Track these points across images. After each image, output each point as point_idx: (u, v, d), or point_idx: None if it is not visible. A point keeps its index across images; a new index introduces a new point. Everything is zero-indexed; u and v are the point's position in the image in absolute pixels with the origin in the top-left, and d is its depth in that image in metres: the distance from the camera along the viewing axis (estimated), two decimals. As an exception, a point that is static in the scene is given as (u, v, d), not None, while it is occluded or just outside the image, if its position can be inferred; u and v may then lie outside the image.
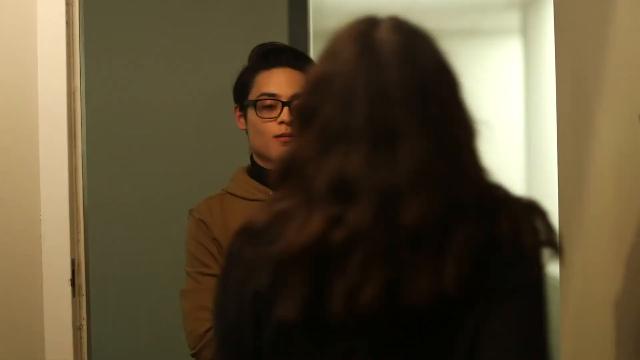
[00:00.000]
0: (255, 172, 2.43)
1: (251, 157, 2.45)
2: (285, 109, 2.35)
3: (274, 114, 2.36)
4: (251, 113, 2.39)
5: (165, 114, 3.96)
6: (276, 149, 2.35)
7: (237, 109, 2.46)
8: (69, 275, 2.19)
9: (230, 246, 1.45)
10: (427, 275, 1.31)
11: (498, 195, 1.38)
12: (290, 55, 2.45)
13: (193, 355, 2.30)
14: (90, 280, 2.30)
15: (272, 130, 2.36)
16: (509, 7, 6.42)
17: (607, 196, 1.92)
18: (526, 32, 6.36)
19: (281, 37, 3.98)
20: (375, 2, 7.04)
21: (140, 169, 3.97)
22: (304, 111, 1.39)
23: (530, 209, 1.37)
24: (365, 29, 1.42)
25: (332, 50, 1.41)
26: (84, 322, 2.22)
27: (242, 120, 2.44)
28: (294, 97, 2.35)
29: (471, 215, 1.33)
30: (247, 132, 2.43)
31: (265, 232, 1.38)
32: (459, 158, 1.35)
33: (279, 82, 2.39)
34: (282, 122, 2.35)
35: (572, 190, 2.14)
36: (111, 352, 3.38)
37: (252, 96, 2.39)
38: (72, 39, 2.23)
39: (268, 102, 2.37)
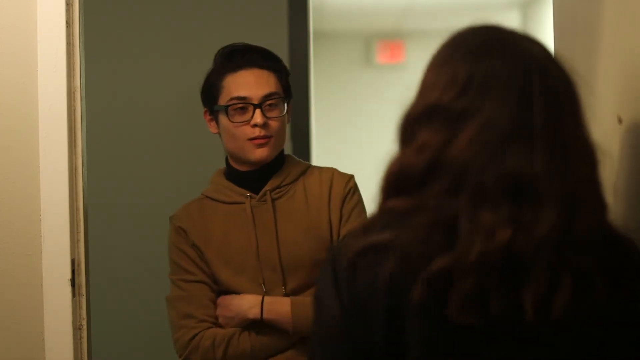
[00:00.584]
0: (231, 174, 2.41)
1: (226, 160, 2.43)
2: (258, 111, 2.32)
3: (246, 117, 2.32)
4: (222, 118, 2.36)
5: (165, 114, 3.96)
6: (252, 152, 2.33)
7: (207, 114, 2.42)
8: (69, 275, 2.19)
9: (354, 269, 1.36)
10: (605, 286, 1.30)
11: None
12: (256, 54, 2.40)
13: None
14: (90, 280, 2.30)
15: (246, 134, 2.32)
16: (509, 7, 6.42)
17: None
18: (526, 32, 6.36)
19: (281, 37, 3.98)
20: (376, 2, 7.04)
21: (140, 168, 3.97)
22: (455, 107, 1.32)
23: None
24: (503, 34, 1.37)
25: (481, 45, 1.35)
26: (84, 322, 2.22)
27: (213, 124, 2.41)
28: (265, 98, 2.33)
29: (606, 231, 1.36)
30: (219, 136, 2.40)
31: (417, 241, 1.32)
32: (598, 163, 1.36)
33: (248, 84, 2.34)
34: (255, 125, 2.32)
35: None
36: (111, 352, 3.39)
37: (222, 101, 2.36)
38: (72, 39, 2.23)
39: (239, 105, 2.33)
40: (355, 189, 2.41)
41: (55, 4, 2.20)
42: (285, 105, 2.38)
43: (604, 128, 1.78)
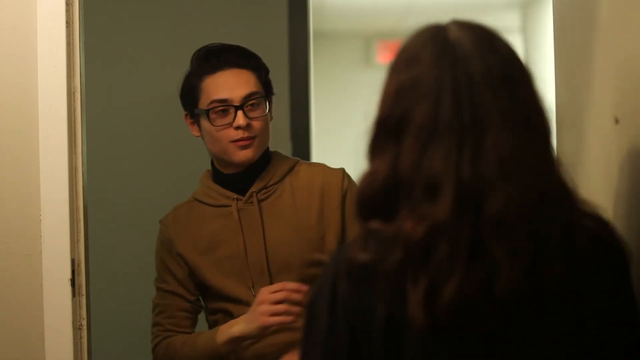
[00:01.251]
0: (217, 177, 2.38)
1: (212, 162, 2.41)
2: (240, 112, 2.28)
3: (228, 119, 2.29)
4: (204, 121, 2.32)
5: (165, 114, 3.95)
6: (235, 154, 2.29)
7: (188, 117, 2.39)
8: (69, 275, 2.19)
9: (355, 284, 1.38)
10: (518, 268, 1.30)
11: (574, 193, 1.39)
12: (233, 54, 2.36)
13: None
14: (90, 280, 2.30)
15: (228, 136, 2.29)
16: (509, 7, 6.42)
17: (598, 200, 1.92)
18: (526, 31, 6.36)
19: (281, 37, 3.98)
20: (376, 2, 7.04)
21: (140, 168, 3.97)
22: (391, 122, 1.36)
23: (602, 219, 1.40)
24: (435, 32, 1.39)
25: (407, 57, 1.38)
26: (84, 322, 2.22)
27: (195, 127, 2.37)
28: (245, 98, 2.29)
29: (553, 207, 1.34)
30: (202, 138, 2.37)
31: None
32: (541, 148, 1.35)
33: (227, 85, 2.30)
34: (238, 127, 2.28)
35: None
36: (111, 352, 3.38)
37: (202, 104, 2.32)
38: (72, 39, 2.23)
39: (220, 108, 2.29)
40: (351, 181, 2.37)
41: (55, 4, 2.20)
42: (267, 103, 2.34)
43: (601, 128, 1.78)
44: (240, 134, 2.28)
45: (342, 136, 7.00)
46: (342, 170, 2.39)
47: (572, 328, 1.35)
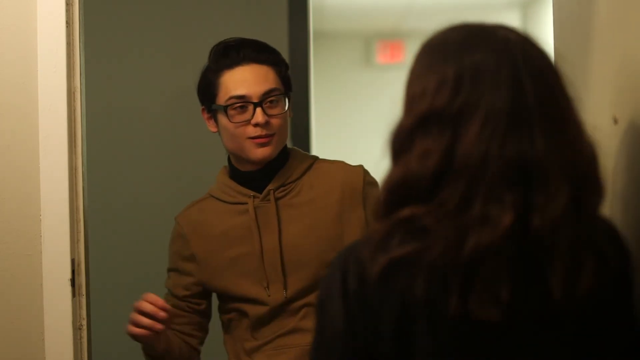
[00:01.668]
0: (234, 174, 2.33)
1: (229, 159, 2.36)
2: (258, 110, 2.23)
3: (246, 116, 2.24)
4: (222, 117, 2.27)
5: (165, 114, 3.96)
6: (253, 151, 2.25)
7: (205, 112, 2.34)
8: (69, 275, 2.19)
9: (373, 283, 1.35)
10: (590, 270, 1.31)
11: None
12: (252, 49, 2.29)
13: None
14: (90, 280, 2.30)
15: (246, 133, 2.24)
16: (509, 7, 6.43)
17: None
18: (526, 31, 6.36)
19: (281, 37, 3.98)
20: (376, 2, 7.04)
21: (140, 168, 3.97)
22: (452, 108, 1.32)
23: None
24: (480, 27, 1.37)
25: (461, 43, 1.35)
26: (84, 322, 2.23)
27: (211, 122, 2.32)
28: (265, 95, 2.24)
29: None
30: (219, 134, 2.32)
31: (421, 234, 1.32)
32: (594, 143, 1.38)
33: (246, 81, 2.25)
34: (256, 125, 2.23)
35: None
36: (111, 352, 3.38)
37: (220, 100, 2.27)
38: (72, 39, 2.23)
39: (238, 105, 2.24)
40: (371, 178, 2.32)
41: (55, 4, 2.20)
42: (287, 100, 2.29)
43: (600, 128, 1.79)
44: (258, 131, 2.24)
45: (342, 136, 7.01)
46: (362, 167, 2.34)
47: (576, 328, 1.36)
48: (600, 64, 1.83)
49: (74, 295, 2.20)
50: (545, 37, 1.93)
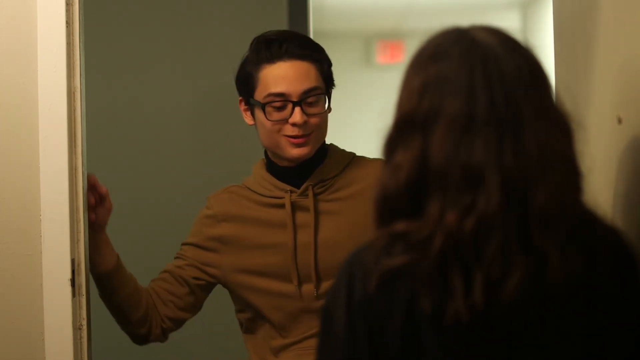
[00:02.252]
0: (271, 167, 2.28)
1: (265, 152, 2.31)
2: (297, 109, 2.17)
3: (285, 114, 2.18)
4: (259, 113, 2.21)
5: (165, 114, 3.96)
6: (289, 150, 2.20)
7: (242, 103, 2.28)
8: (69, 275, 2.19)
9: (375, 290, 1.37)
10: (566, 263, 1.31)
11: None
12: (296, 44, 2.21)
13: None
14: (91, 280, 2.29)
15: (283, 131, 2.19)
16: (509, 7, 6.42)
17: (600, 200, 1.92)
18: (526, 31, 6.36)
19: (281, 37, 3.98)
20: (376, 2, 7.04)
21: (141, 169, 3.97)
22: (418, 116, 1.35)
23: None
24: (460, 33, 1.40)
25: (432, 53, 1.38)
26: (84, 322, 2.22)
27: (248, 114, 2.27)
28: (305, 94, 2.18)
29: (585, 205, 1.37)
30: (255, 127, 2.27)
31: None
32: (571, 145, 1.37)
33: (287, 78, 2.18)
34: (294, 124, 2.17)
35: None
36: (111, 352, 3.38)
37: (259, 96, 2.20)
38: (72, 39, 2.23)
39: (277, 103, 2.18)
40: None
41: (55, 4, 2.20)
42: (327, 99, 2.23)
43: (603, 128, 1.78)
44: (295, 130, 2.18)
45: (342, 136, 7.00)
46: None
47: (585, 325, 1.35)
48: (602, 63, 1.83)
49: (74, 295, 2.20)
50: (545, 37, 1.92)
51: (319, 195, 2.25)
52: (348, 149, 2.37)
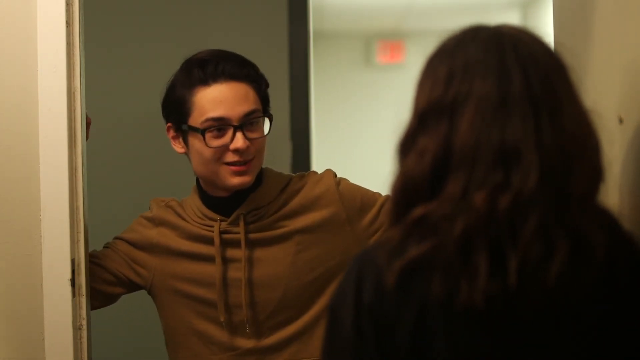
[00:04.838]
0: (203, 196, 2.14)
1: (197, 181, 2.17)
2: (239, 134, 2.01)
3: (225, 140, 2.02)
4: (194, 140, 2.06)
5: (165, 114, 3.95)
6: (229, 179, 2.04)
7: (171, 130, 2.14)
8: (69, 275, 2.19)
9: (391, 288, 1.34)
10: (604, 247, 1.28)
11: None
12: (232, 64, 2.06)
13: None
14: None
15: (223, 158, 2.04)
16: (509, 7, 6.42)
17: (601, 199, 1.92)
18: (526, 27, 6.36)
19: (281, 37, 3.98)
20: (376, 2, 7.05)
21: (141, 169, 3.97)
22: (444, 103, 1.33)
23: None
24: (482, 26, 1.40)
25: (457, 43, 1.37)
26: (84, 322, 2.22)
27: (178, 142, 2.12)
28: (246, 117, 2.02)
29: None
30: (187, 156, 2.13)
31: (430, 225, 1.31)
32: (597, 131, 1.37)
33: (226, 101, 2.02)
34: (235, 150, 2.02)
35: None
36: (111, 352, 3.38)
37: (195, 121, 2.04)
38: (72, 39, 2.23)
39: (216, 127, 2.03)
40: (345, 183, 2.14)
41: (55, 4, 2.20)
42: (267, 121, 2.08)
43: (605, 128, 1.79)
44: (236, 156, 2.03)
45: (342, 136, 7.00)
46: (329, 171, 2.17)
47: (606, 320, 1.34)
48: (603, 63, 1.83)
49: (74, 295, 2.20)
50: (545, 37, 1.93)
51: (252, 224, 2.09)
52: (348, 149, 2.37)
